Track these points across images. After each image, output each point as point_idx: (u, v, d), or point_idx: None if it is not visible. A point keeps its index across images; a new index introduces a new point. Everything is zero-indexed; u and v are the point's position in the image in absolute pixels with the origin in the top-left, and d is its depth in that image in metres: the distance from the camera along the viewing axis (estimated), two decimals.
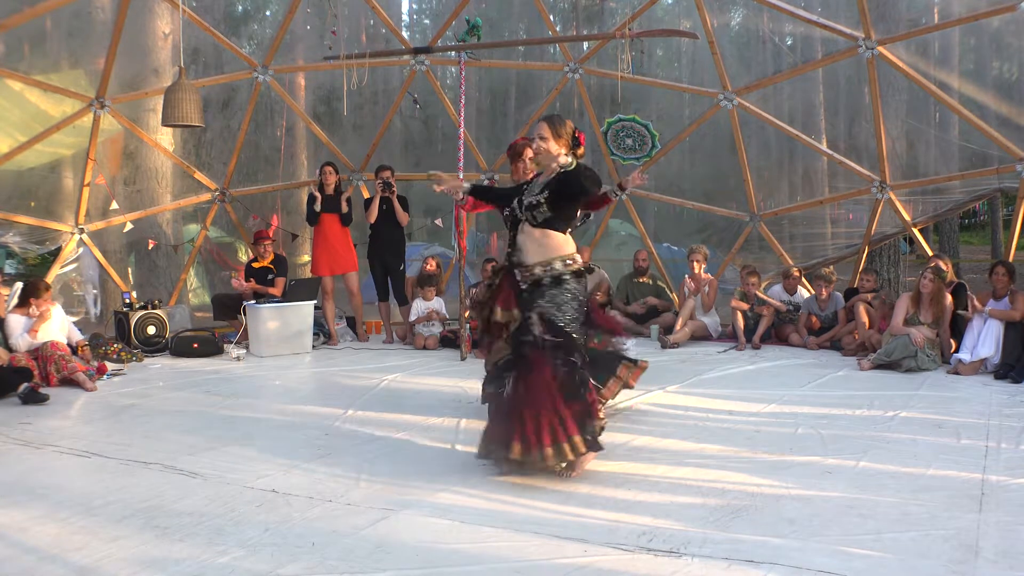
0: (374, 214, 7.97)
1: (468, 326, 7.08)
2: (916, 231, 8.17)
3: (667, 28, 9.01)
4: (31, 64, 7.65)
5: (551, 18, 9.86)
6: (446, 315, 8.01)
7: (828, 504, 3.30)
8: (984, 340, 6.13)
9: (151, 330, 7.52)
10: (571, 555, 2.82)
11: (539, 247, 3.77)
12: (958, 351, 6.29)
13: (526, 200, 3.83)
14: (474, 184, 4.40)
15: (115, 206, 8.14)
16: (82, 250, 8.17)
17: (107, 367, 6.43)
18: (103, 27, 7.95)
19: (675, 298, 8.84)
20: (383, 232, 8.07)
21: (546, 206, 3.75)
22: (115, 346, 7.17)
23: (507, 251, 3.94)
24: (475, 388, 4.83)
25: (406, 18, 12.21)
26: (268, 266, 7.93)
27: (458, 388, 5.75)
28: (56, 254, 8.07)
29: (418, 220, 10.17)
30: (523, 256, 3.80)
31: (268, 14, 11.35)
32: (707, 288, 7.99)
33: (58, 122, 7.70)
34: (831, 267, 8.28)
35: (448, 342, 7.65)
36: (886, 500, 3.34)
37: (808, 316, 7.69)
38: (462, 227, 7.12)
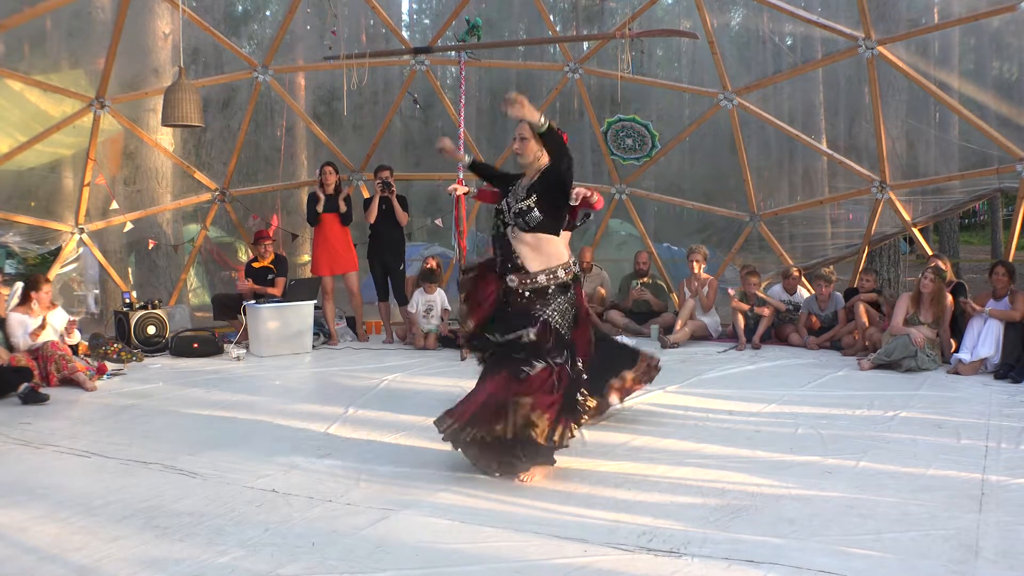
0: (374, 214, 7.97)
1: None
2: (916, 231, 8.18)
3: (667, 28, 9.02)
4: (31, 64, 7.65)
5: (551, 18, 9.86)
6: (448, 307, 7.91)
7: (828, 504, 3.30)
8: (984, 340, 6.13)
9: (151, 330, 7.52)
10: (571, 555, 2.82)
11: (539, 254, 3.69)
12: (958, 351, 6.29)
13: (514, 207, 3.74)
14: (474, 160, 4.37)
15: (115, 206, 8.14)
16: (82, 250, 8.17)
17: (107, 367, 6.43)
18: (103, 27, 7.96)
19: (675, 298, 8.84)
20: (383, 232, 8.07)
21: (537, 210, 3.67)
22: (115, 346, 7.18)
23: (497, 255, 3.81)
24: None
25: (406, 18, 12.21)
26: (268, 266, 7.93)
27: (458, 388, 5.72)
28: (56, 254, 8.07)
29: (418, 220, 10.17)
30: (522, 262, 3.71)
31: (268, 14, 11.35)
32: (707, 288, 7.99)
33: (58, 122, 7.70)
34: (831, 267, 8.28)
35: (448, 342, 7.65)
36: (886, 500, 3.34)
37: (808, 316, 7.69)
38: (462, 227, 7.12)
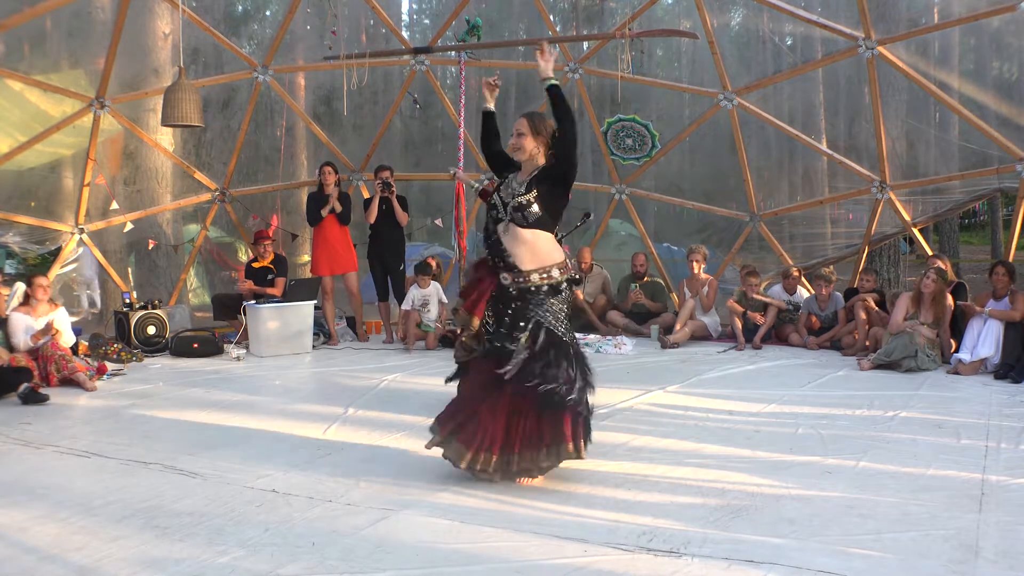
0: (374, 214, 7.97)
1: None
2: (916, 231, 8.18)
3: (667, 28, 9.01)
4: (31, 64, 7.65)
5: (551, 18, 9.86)
6: (445, 300, 7.80)
7: (828, 504, 3.30)
8: (984, 340, 6.13)
9: (151, 330, 7.52)
10: (571, 555, 2.82)
11: (532, 252, 3.54)
12: (958, 351, 6.29)
13: (511, 201, 3.59)
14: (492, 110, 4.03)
15: (115, 206, 8.14)
16: (82, 250, 8.17)
17: (107, 367, 6.43)
18: (103, 27, 7.95)
19: (675, 298, 8.84)
20: (383, 232, 8.06)
21: (536, 205, 3.52)
22: (115, 346, 7.18)
23: (488, 251, 3.67)
24: None
25: (406, 18, 12.20)
26: (268, 266, 7.93)
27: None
28: (56, 254, 8.06)
29: (418, 220, 10.17)
30: (514, 260, 3.56)
31: (268, 14, 11.35)
32: (706, 288, 7.99)
33: (58, 122, 7.70)
34: (831, 267, 8.28)
35: (448, 342, 7.64)
36: (886, 500, 3.34)
37: (808, 316, 7.69)
38: (462, 227, 7.12)
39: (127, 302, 7.63)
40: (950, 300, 6.57)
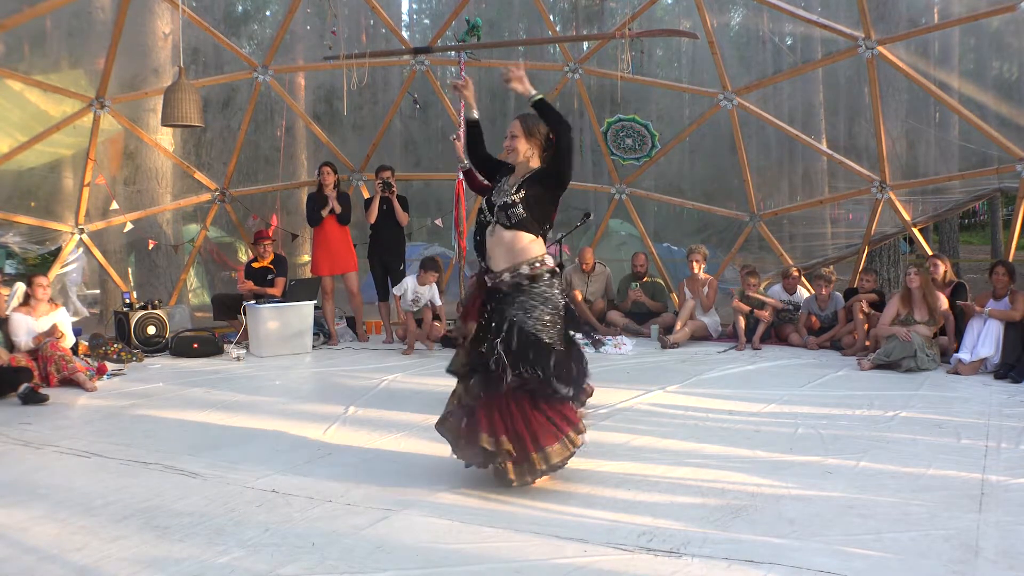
0: (374, 214, 7.97)
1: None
2: (916, 231, 8.18)
3: (667, 28, 9.02)
4: (31, 64, 7.65)
5: (551, 18, 9.86)
6: (439, 303, 7.63)
7: (828, 504, 3.30)
8: (984, 340, 6.13)
9: (151, 330, 7.52)
10: (571, 555, 2.82)
11: (507, 252, 3.52)
12: (958, 351, 6.29)
13: (498, 201, 3.58)
14: (476, 119, 4.01)
15: (115, 206, 8.14)
16: (81, 250, 8.17)
17: (107, 367, 6.43)
18: (103, 27, 7.95)
19: (675, 298, 8.84)
20: (383, 232, 8.07)
21: (521, 207, 3.50)
22: (115, 346, 7.18)
23: (476, 253, 3.70)
24: None
25: (406, 18, 12.20)
26: (268, 266, 7.93)
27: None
28: (56, 254, 8.06)
29: (418, 220, 10.17)
30: (491, 262, 3.58)
31: (268, 14, 11.36)
32: (706, 288, 7.99)
33: (58, 122, 7.71)
34: (831, 267, 8.28)
35: (448, 342, 7.63)
36: (886, 500, 3.34)
37: (808, 316, 7.69)
38: (462, 227, 7.12)
39: (127, 302, 7.63)
40: (944, 302, 6.56)
